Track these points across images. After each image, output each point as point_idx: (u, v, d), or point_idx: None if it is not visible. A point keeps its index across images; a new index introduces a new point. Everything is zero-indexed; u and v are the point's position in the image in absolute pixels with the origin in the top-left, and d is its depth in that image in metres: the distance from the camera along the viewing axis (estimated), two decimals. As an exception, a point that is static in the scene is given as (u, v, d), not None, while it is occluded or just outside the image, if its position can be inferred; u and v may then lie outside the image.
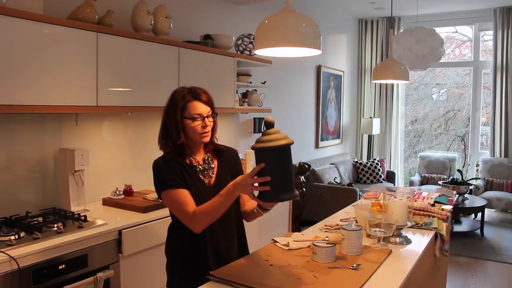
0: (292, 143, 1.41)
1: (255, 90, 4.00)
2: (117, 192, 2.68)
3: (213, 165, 1.70)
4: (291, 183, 1.41)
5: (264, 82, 4.11)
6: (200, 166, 1.67)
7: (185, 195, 1.57)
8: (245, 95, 3.88)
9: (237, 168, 1.77)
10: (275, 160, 1.38)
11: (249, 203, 1.76)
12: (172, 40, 2.85)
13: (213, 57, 3.24)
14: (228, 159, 1.75)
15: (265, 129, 1.45)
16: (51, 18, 2.12)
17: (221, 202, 1.50)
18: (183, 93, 1.63)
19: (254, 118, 4.35)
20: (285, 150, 1.39)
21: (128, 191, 2.74)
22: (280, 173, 1.39)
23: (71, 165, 2.42)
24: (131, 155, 2.99)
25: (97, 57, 2.35)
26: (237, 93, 3.60)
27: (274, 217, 3.64)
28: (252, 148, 1.42)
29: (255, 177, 1.41)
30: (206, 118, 1.63)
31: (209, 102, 1.65)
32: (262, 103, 4.15)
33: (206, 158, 1.70)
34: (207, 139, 1.65)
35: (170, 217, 1.71)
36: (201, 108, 1.62)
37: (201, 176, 1.66)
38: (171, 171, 1.59)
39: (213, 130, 1.69)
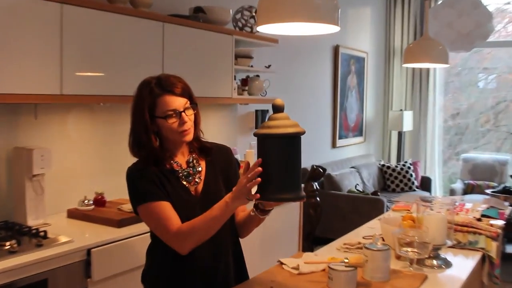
0: (303, 132, 1.42)
1: (258, 75, 4.00)
2: (86, 201, 2.68)
3: (199, 168, 1.70)
4: (297, 182, 1.42)
5: (269, 66, 4.11)
6: (183, 171, 1.67)
7: (167, 208, 1.57)
8: (245, 82, 3.88)
9: (231, 169, 1.77)
10: (280, 150, 1.40)
11: (243, 213, 1.75)
12: (155, 14, 2.85)
13: (206, 35, 3.23)
14: (218, 159, 1.75)
15: (272, 113, 1.46)
16: (4, -14, 2.12)
17: (214, 218, 1.51)
18: (150, 85, 1.62)
19: (256, 111, 4.34)
20: (292, 140, 1.40)
21: (99, 201, 2.75)
22: (284, 167, 1.40)
23: (29, 168, 2.42)
24: (103, 156, 2.99)
25: (62, 34, 2.34)
26: (235, 79, 3.60)
27: (280, 233, 3.64)
28: (255, 134, 1.44)
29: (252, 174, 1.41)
30: (183, 113, 1.61)
31: (184, 93, 1.64)
32: (266, 91, 4.14)
33: (191, 160, 1.70)
34: (189, 137, 1.65)
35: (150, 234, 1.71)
36: (175, 102, 1.60)
37: (185, 183, 1.66)
38: (148, 180, 1.59)
39: (196, 124, 1.68)
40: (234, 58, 3.51)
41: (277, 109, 1.45)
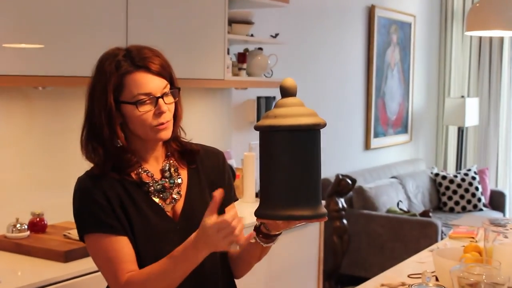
0: (323, 125, 1.44)
1: (260, 49, 4.00)
2: (18, 226, 2.68)
3: (179, 180, 1.71)
4: (315, 193, 1.44)
5: (276, 35, 4.11)
6: (156, 184, 1.67)
7: (120, 247, 1.58)
8: (242, 57, 3.88)
9: (223, 181, 1.77)
10: (290, 148, 1.41)
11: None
12: (115, -39, 2.86)
13: (187, -9, 3.25)
14: (206, 168, 1.76)
15: (280, 98, 1.47)
16: None
17: (175, 267, 1.52)
18: (117, 58, 1.63)
19: (258, 98, 4.35)
20: (308, 134, 1.42)
21: (37, 225, 2.75)
22: (297, 172, 1.41)
23: None
24: (43, 161, 2.99)
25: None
26: (228, 53, 3.60)
27: (293, 269, 3.65)
28: (256, 127, 1.45)
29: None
30: (161, 100, 1.62)
31: (164, 72, 1.65)
32: (272, 71, 4.15)
33: (167, 168, 1.70)
34: (166, 134, 1.65)
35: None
36: (151, 83, 1.62)
37: (158, 201, 1.67)
38: (103, 202, 1.60)
39: (176, 118, 1.69)
40: (227, 24, 3.52)
41: (287, 92, 1.46)
